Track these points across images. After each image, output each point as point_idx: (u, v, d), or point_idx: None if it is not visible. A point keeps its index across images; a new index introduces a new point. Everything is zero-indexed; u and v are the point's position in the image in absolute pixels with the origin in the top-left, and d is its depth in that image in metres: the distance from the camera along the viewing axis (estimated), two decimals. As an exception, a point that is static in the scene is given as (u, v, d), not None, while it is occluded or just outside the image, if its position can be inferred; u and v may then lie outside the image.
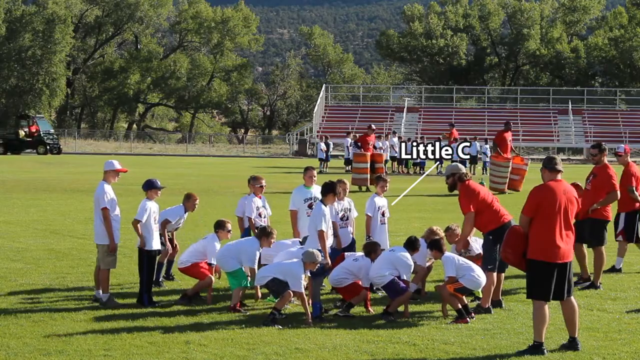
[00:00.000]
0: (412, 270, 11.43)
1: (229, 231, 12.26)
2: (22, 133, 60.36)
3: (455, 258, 11.18)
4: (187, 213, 13.01)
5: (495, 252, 11.14)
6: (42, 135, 60.19)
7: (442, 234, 12.10)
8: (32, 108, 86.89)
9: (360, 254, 11.70)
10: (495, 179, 30.14)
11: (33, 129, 60.32)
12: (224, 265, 11.66)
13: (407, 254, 11.37)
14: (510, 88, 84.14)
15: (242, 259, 11.50)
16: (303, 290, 10.76)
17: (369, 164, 31.58)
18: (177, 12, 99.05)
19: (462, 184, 11.43)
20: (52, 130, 63.96)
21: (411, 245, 11.55)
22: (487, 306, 11.24)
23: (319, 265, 10.81)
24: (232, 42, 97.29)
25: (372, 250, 11.53)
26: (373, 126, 38.48)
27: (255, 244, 11.56)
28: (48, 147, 59.50)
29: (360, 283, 11.36)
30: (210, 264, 12.05)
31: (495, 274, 11.30)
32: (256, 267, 11.52)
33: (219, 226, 12.23)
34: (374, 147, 36.37)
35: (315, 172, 12.89)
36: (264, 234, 11.62)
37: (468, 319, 10.69)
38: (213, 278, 11.99)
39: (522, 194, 27.93)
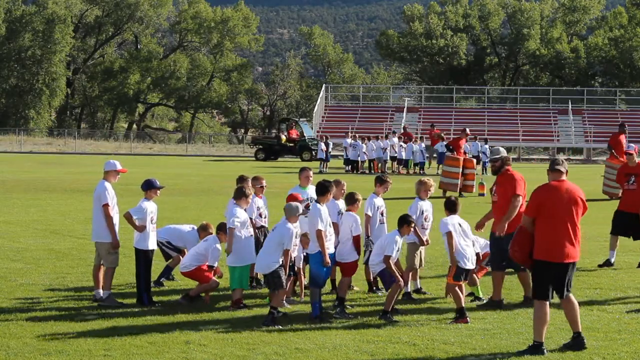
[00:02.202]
0: (398, 248, 11.40)
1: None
2: (283, 138, 55.39)
3: (450, 223, 11.24)
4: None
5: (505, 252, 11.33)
6: (306, 140, 54.76)
7: (432, 183, 12.67)
8: (32, 108, 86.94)
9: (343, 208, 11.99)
10: (610, 182, 26.10)
11: (293, 133, 55.65)
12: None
13: (395, 235, 11.42)
14: (510, 88, 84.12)
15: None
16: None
17: (461, 169, 29.95)
18: (177, 12, 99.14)
19: (510, 167, 11.70)
20: (313, 135, 58.11)
21: (401, 222, 11.58)
22: (498, 299, 11.53)
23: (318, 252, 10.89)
24: (232, 42, 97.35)
25: (352, 201, 11.84)
26: (467, 130, 35.00)
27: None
28: (313, 154, 52.89)
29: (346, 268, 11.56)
30: (210, 266, 12.05)
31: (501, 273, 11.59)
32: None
33: (221, 228, 12.22)
34: (464, 152, 33.47)
35: (311, 173, 12.86)
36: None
37: (468, 319, 10.70)
38: (218, 282, 12.01)
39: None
